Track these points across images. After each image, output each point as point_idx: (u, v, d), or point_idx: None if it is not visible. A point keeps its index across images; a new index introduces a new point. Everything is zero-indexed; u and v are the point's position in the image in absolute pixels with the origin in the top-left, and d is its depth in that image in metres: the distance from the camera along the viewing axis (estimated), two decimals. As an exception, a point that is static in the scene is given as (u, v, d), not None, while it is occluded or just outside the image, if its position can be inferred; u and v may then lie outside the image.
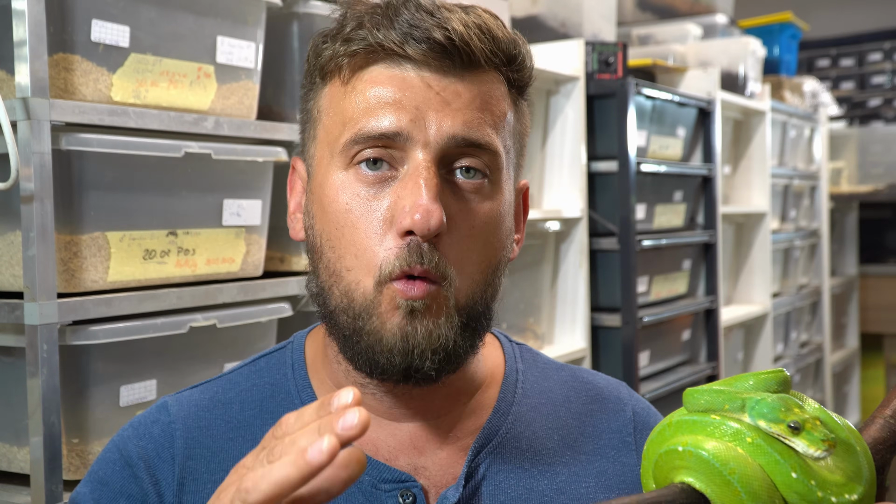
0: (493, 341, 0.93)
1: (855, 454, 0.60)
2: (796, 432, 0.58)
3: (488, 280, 0.81)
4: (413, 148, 0.76)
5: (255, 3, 1.46)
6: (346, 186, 0.78)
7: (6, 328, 1.21)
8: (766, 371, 0.65)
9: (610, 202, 2.42)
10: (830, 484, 0.57)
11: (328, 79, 0.81)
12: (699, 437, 0.60)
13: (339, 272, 0.78)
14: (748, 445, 0.58)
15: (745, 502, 0.57)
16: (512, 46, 0.81)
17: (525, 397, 0.88)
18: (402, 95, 0.76)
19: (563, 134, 2.38)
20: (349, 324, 0.78)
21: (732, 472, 0.57)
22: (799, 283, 3.83)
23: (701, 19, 3.41)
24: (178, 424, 0.85)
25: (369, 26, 0.77)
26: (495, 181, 0.80)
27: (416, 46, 0.75)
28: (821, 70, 5.41)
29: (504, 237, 0.82)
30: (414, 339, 0.76)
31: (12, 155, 1.13)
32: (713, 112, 2.84)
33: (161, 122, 1.31)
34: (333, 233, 0.79)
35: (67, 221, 1.22)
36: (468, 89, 0.78)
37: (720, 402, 0.62)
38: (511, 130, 0.83)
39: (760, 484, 0.57)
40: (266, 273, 1.53)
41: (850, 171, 4.67)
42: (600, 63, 2.39)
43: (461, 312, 0.78)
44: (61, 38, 1.21)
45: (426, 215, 0.73)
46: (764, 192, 3.32)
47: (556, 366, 0.95)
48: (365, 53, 0.77)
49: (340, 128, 0.79)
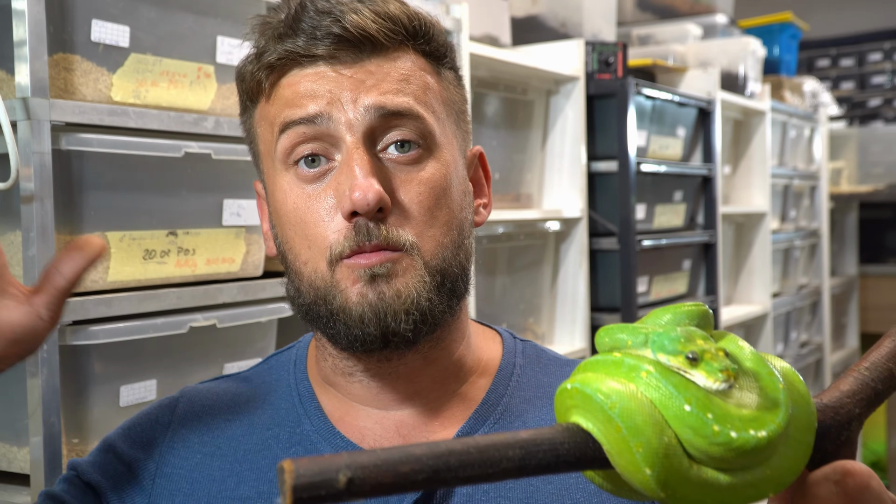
0: (493, 336, 0.94)
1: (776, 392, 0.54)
2: (694, 363, 0.53)
3: (456, 242, 0.83)
4: (339, 131, 0.80)
5: (255, 3, 1.46)
6: (291, 188, 0.82)
7: (6, 328, 1.21)
8: (685, 304, 0.61)
9: (610, 202, 2.42)
10: (733, 418, 0.52)
11: (255, 99, 0.86)
12: (591, 375, 0.56)
13: (299, 269, 0.82)
14: (642, 380, 0.53)
15: (628, 438, 0.52)
16: (412, 21, 0.84)
17: (518, 390, 0.89)
18: (317, 86, 0.80)
19: (563, 134, 2.38)
20: (323, 311, 0.81)
21: (613, 407, 0.53)
22: (799, 283, 3.83)
23: (701, 19, 3.41)
24: (183, 400, 0.92)
25: (274, 39, 0.82)
26: (430, 147, 0.82)
27: (320, 45, 0.80)
28: (821, 70, 5.41)
29: (458, 199, 0.84)
30: (383, 302, 0.78)
31: (12, 155, 1.13)
32: (713, 112, 2.84)
33: (161, 122, 1.31)
34: (288, 234, 0.83)
35: (67, 221, 1.22)
36: (380, 67, 0.81)
37: (624, 339, 0.58)
38: (438, 98, 0.85)
39: (644, 419, 0.52)
40: (266, 273, 1.53)
41: (850, 171, 4.67)
42: (600, 63, 2.39)
43: (433, 272, 0.81)
44: (61, 38, 1.21)
45: (363, 192, 0.76)
46: (764, 192, 3.32)
47: (563, 361, 0.95)
48: (278, 63, 0.82)
49: (271, 131, 0.83)
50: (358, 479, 0.48)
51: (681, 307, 0.61)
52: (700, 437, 0.52)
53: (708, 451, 0.52)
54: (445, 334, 0.86)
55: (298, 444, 0.86)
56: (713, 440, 0.51)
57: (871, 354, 0.62)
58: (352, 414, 0.87)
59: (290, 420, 0.87)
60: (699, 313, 0.61)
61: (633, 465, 0.52)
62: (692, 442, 0.52)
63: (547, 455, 0.53)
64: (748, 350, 0.58)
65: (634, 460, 0.52)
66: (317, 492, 0.47)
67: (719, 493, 0.53)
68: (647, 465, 0.52)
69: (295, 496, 0.47)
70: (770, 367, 0.57)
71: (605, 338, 0.60)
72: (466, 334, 0.89)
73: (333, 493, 0.48)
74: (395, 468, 0.49)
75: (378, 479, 0.49)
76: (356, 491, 0.48)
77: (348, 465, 0.48)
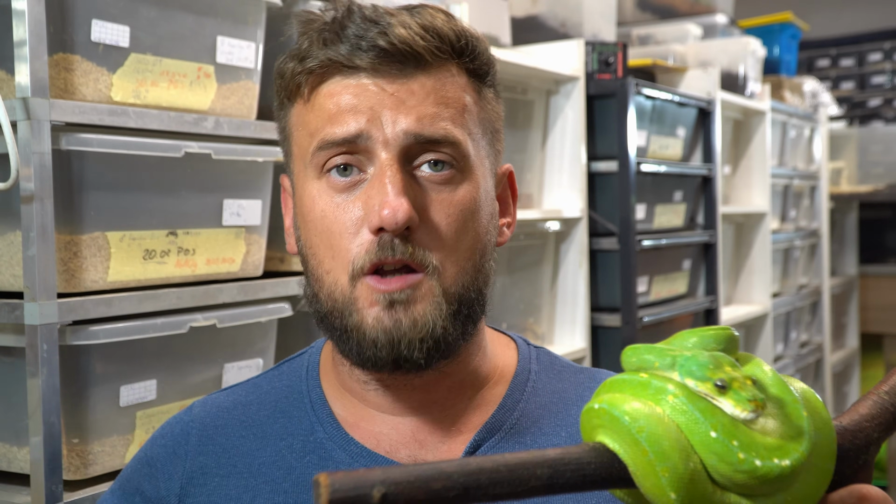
0: (508, 342, 0.94)
1: (800, 420, 0.55)
2: (723, 391, 0.54)
3: (477, 266, 0.83)
4: (376, 148, 0.79)
5: (255, 3, 1.46)
6: (320, 195, 0.82)
7: (6, 328, 1.21)
8: (711, 328, 0.61)
9: (610, 202, 2.42)
10: (758, 446, 0.52)
11: (293, 98, 0.86)
12: (618, 396, 0.56)
13: (321, 277, 0.82)
14: (668, 404, 0.54)
15: (654, 462, 0.52)
16: (460, 38, 0.83)
17: (535, 395, 0.89)
18: (359, 101, 0.80)
19: (563, 134, 2.38)
20: (338, 324, 0.81)
21: (641, 431, 0.53)
22: (799, 283, 3.83)
23: (701, 19, 3.41)
24: (195, 423, 0.90)
25: (319, 44, 0.82)
26: (464, 169, 0.82)
27: (364, 56, 0.79)
28: (821, 70, 5.41)
29: (485, 222, 0.84)
30: (398, 330, 0.78)
31: (12, 155, 1.13)
32: (713, 112, 2.84)
33: (161, 122, 1.31)
34: (313, 240, 0.83)
35: (67, 221, 1.22)
36: (422, 87, 0.81)
37: (651, 360, 0.58)
38: (476, 118, 0.85)
39: (671, 444, 0.53)
40: (266, 273, 1.53)
41: (850, 171, 4.67)
42: (600, 63, 2.39)
43: (451, 300, 0.80)
44: (61, 38, 1.21)
45: (393, 211, 0.76)
46: (764, 192, 3.32)
47: (575, 369, 0.95)
48: (320, 70, 0.82)
49: (308, 140, 0.83)
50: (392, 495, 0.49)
51: (707, 331, 0.61)
52: (725, 464, 0.53)
53: (733, 477, 0.53)
54: (461, 350, 0.85)
55: (312, 452, 0.85)
56: (738, 467, 0.52)
57: (891, 378, 0.62)
58: (367, 420, 0.86)
59: (302, 429, 0.87)
60: (726, 337, 0.61)
61: (659, 488, 0.53)
62: (717, 468, 0.53)
63: (574, 475, 0.54)
64: (771, 375, 0.59)
65: (660, 484, 0.53)
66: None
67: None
68: (672, 490, 0.53)
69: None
70: (794, 395, 0.57)
71: (633, 357, 0.60)
72: (483, 345, 0.89)
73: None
74: (428, 485, 0.50)
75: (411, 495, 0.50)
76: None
77: (382, 481, 0.49)
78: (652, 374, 0.57)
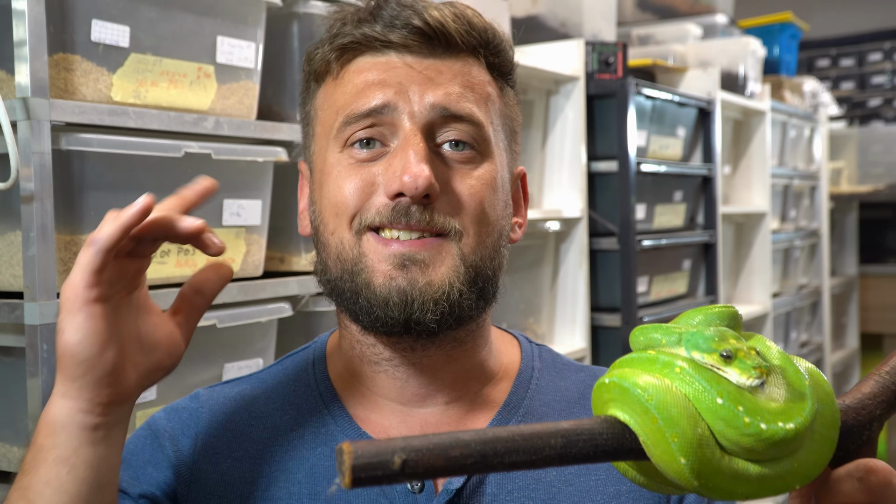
0: (511, 340, 0.96)
1: (803, 388, 0.57)
2: (728, 361, 0.56)
3: (495, 245, 0.84)
4: (401, 119, 0.81)
5: (255, 3, 1.46)
6: (339, 164, 0.83)
7: (6, 328, 1.21)
8: (716, 306, 0.64)
9: (610, 202, 2.42)
10: (763, 411, 0.54)
11: (321, 80, 0.87)
12: (628, 370, 0.59)
13: (327, 241, 0.83)
14: (676, 375, 0.56)
15: (664, 429, 0.54)
16: (488, 31, 0.86)
17: (538, 393, 0.90)
18: (387, 76, 0.82)
19: (563, 134, 2.38)
20: (348, 286, 0.82)
21: (650, 399, 0.55)
22: (799, 283, 3.83)
23: (701, 19, 3.41)
24: (204, 409, 0.90)
25: (353, 23, 0.84)
26: (484, 152, 0.84)
27: (397, 33, 0.82)
28: (821, 70, 5.41)
29: (501, 207, 0.85)
30: (413, 289, 0.79)
31: (12, 155, 1.13)
32: (713, 112, 2.84)
33: (161, 122, 1.31)
34: (324, 203, 0.84)
35: (67, 221, 1.22)
36: (449, 68, 0.83)
37: (658, 338, 0.61)
38: (497, 111, 0.87)
39: (680, 411, 0.55)
40: (266, 273, 1.53)
41: (850, 171, 4.67)
42: (600, 63, 2.39)
43: (469, 267, 0.81)
44: (61, 38, 1.21)
45: (414, 176, 0.77)
46: (764, 192, 3.32)
47: (576, 367, 0.96)
48: (351, 47, 0.84)
49: (334, 116, 0.84)
50: (412, 461, 0.51)
51: (711, 309, 0.64)
52: (732, 429, 0.54)
53: (739, 441, 0.54)
54: (468, 336, 0.86)
55: (324, 444, 0.86)
56: (744, 431, 0.54)
57: (892, 359, 0.65)
58: (377, 412, 0.87)
59: (313, 421, 0.87)
60: (729, 314, 0.64)
61: (669, 454, 0.55)
62: (724, 433, 0.55)
63: (587, 445, 0.56)
64: (775, 349, 0.61)
65: (670, 450, 0.55)
66: (374, 472, 0.51)
67: (749, 483, 0.55)
68: (682, 455, 0.54)
69: (354, 475, 0.50)
70: (796, 366, 0.59)
71: (640, 336, 0.63)
72: (489, 339, 0.90)
73: (389, 474, 0.51)
74: (446, 452, 0.52)
75: (430, 462, 0.52)
76: (410, 472, 0.51)
77: (403, 448, 0.51)
78: (659, 351, 0.59)
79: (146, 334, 0.76)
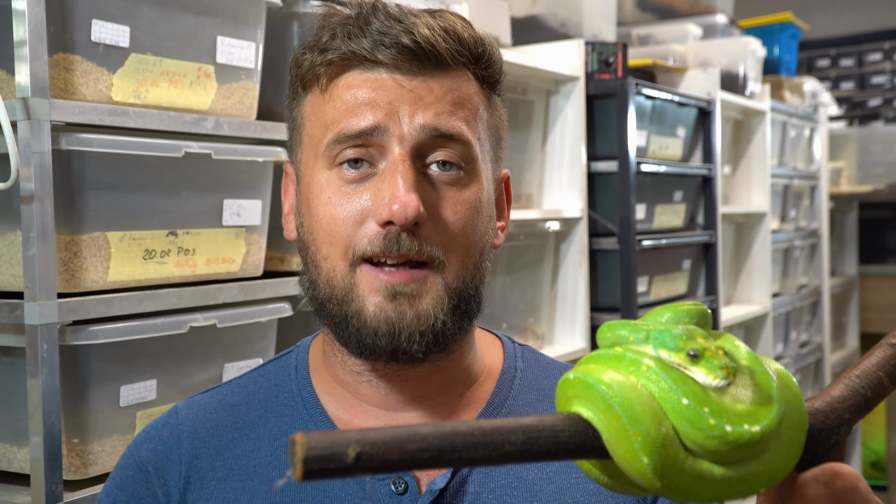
0: (494, 341, 0.96)
1: (770, 390, 0.56)
2: (695, 360, 0.54)
3: (476, 263, 0.85)
4: (390, 142, 0.81)
5: (255, 3, 1.46)
6: (328, 184, 0.83)
7: (6, 328, 1.21)
8: (685, 303, 0.63)
9: (610, 202, 2.42)
10: (729, 413, 0.53)
11: (308, 87, 0.86)
12: (594, 366, 0.57)
13: (319, 263, 0.83)
14: (642, 373, 0.55)
15: (627, 427, 0.53)
16: (478, 45, 0.86)
17: (521, 393, 0.90)
18: (377, 95, 0.81)
19: (563, 134, 2.38)
20: (337, 311, 0.82)
21: (614, 396, 0.54)
22: (799, 283, 3.83)
23: (701, 19, 3.41)
24: (185, 426, 0.89)
25: (342, 36, 0.83)
26: (471, 172, 0.84)
27: (386, 52, 0.81)
28: (821, 70, 5.41)
29: (485, 224, 0.86)
30: (401, 321, 0.80)
31: (12, 155, 1.13)
32: (713, 112, 2.84)
33: (161, 122, 1.31)
34: (315, 226, 0.84)
35: (67, 221, 1.22)
36: (439, 86, 0.83)
37: (626, 335, 0.59)
38: (485, 125, 0.87)
39: (644, 409, 0.53)
40: (266, 273, 1.53)
41: (850, 171, 4.67)
42: (600, 63, 2.39)
43: (452, 295, 0.82)
44: (61, 38, 1.21)
45: (403, 206, 0.78)
46: (764, 192, 3.32)
47: (560, 366, 0.96)
48: (340, 62, 0.83)
49: (322, 131, 0.84)
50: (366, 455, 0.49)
51: (680, 306, 0.62)
52: (696, 430, 0.53)
53: (704, 443, 0.53)
54: (455, 346, 0.87)
55: None
56: (709, 433, 0.53)
57: (863, 363, 0.64)
58: (360, 416, 0.87)
59: (295, 427, 0.87)
60: (698, 312, 0.62)
61: (631, 453, 0.53)
62: (689, 434, 0.53)
63: (548, 441, 0.54)
64: (744, 350, 0.60)
65: (633, 449, 0.53)
66: (326, 465, 0.49)
67: (712, 485, 0.54)
68: (644, 454, 0.53)
69: (305, 468, 0.48)
70: (765, 367, 0.58)
71: (607, 333, 0.61)
72: (474, 344, 0.91)
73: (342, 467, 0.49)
74: (403, 445, 0.50)
75: (385, 456, 0.50)
76: (364, 466, 0.49)
77: (358, 441, 0.49)
78: (626, 348, 0.58)
79: None
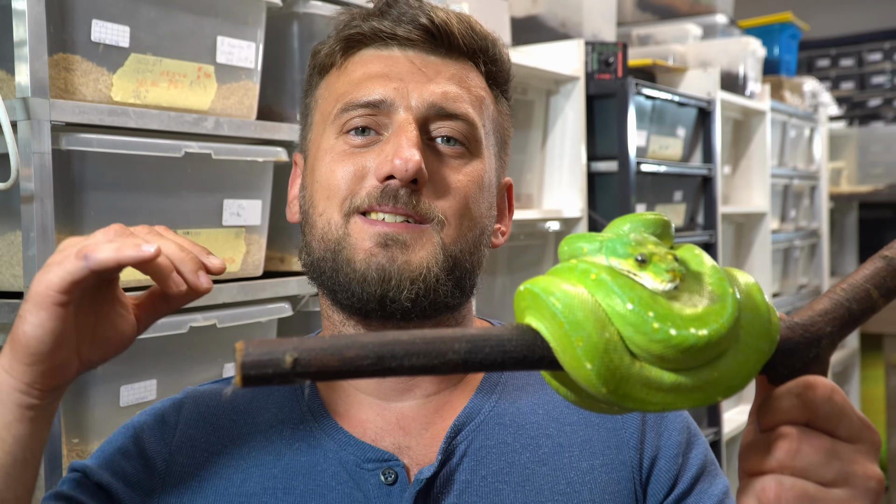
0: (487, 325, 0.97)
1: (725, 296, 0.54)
2: (643, 265, 0.54)
3: (476, 241, 0.86)
4: (397, 112, 0.84)
5: (255, 3, 1.46)
6: (333, 149, 0.85)
7: (6, 328, 1.21)
8: (647, 213, 0.62)
9: (610, 202, 2.42)
10: (675, 317, 0.52)
11: (325, 72, 0.90)
12: (544, 278, 0.57)
13: (315, 221, 0.85)
14: (591, 282, 0.54)
15: (569, 334, 0.53)
16: (488, 39, 0.90)
17: (512, 378, 0.92)
18: (389, 69, 0.85)
19: (563, 134, 2.38)
20: (329, 265, 0.84)
21: (556, 303, 0.54)
22: (799, 283, 3.83)
23: (701, 19, 3.41)
24: (188, 400, 0.92)
25: (360, 17, 0.88)
26: (474, 151, 0.87)
27: (404, 27, 0.85)
28: (821, 70, 5.41)
29: (486, 207, 0.88)
30: (392, 267, 0.81)
31: (12, 155, 1.13)
32: (713, 112, 2.84)
33: (161, 122, 1.31)
34: (315, 186, 0.86)
35: (67, 221, 1.22)
36: (448, 68, 0.87)
37: (581, 246, 0.59)
38: (490, 117, 0.90)
39: (585, 314, 0.53)
40: (266, 273, 1.53)
41: (850, 171, 4.67)
42: (600, 63, 2.39)
43: (448, 256, 0.83)
44: (61, 38, 1.21)
45: (405, 160, 0.80)
46: (764, 192, 3.32)
47: None
48: (357, 38, 0.87)
49: (334, 103, 0.87)
50: (304, 360, 0.49)
51: (641, 216, 0.62)
52: (640, 335, 0.52)
53: (649, 348, 0.52)
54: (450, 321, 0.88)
55: (302, 440, 0.87)
56: (652, 337, 0.52)
57: (851, 276, 0.63)
58: (355, 407, 0.88)
59: (293, 418, 0.89)
60: (658, 222, 0.61)
61: (576, 360, 0.53)
62: (633, 339, 0.53)
63: (493, 351, 0.54)
64: (708, 261, 0.59)
65: (576, 355, 0.53)
66: (264, 370, 0.49)
67: (663, 392, 0.53)
68: (587, 360, 0.53)
69: (243, 373, 0.49)
70: (722, 274, 0.57)
71: (565, 246, 0.61)
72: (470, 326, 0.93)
73: (280, 373, 0.49)
74: (341, 352, 0.50)
75: (324, 362, 0.50)
76: (301, 372, 0.49)
77: (295, 347, 0.49)
78: (580, 260, 0.58)
79: (101, 329, 0.76)
